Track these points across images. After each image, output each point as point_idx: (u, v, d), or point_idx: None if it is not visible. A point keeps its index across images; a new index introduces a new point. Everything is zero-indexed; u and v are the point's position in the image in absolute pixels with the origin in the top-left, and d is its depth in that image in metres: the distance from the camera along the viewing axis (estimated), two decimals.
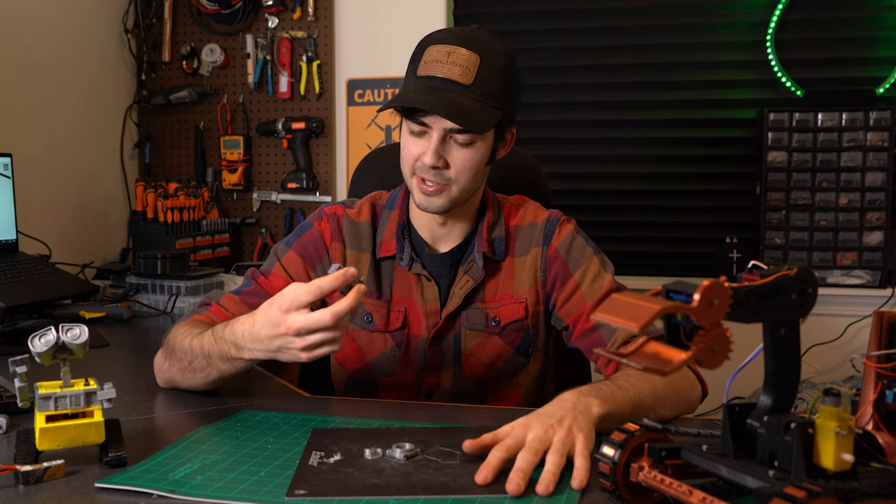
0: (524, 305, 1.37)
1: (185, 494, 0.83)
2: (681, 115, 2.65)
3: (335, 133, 2.73)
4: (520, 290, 1.37)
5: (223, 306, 1.33)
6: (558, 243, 1.37)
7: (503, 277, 1.38)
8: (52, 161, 2.43)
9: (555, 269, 1.36)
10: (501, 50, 1.29)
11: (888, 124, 2.39)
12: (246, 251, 2.81)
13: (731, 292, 0.66)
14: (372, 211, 1.41)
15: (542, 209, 1.43)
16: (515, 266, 1.38)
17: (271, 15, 2.70)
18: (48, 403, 0.90)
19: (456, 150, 1.28)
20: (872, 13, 2.50)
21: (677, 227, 2.68)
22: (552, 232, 1.38)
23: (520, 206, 1.44)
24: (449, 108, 1.24)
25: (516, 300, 1.37)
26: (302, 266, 1.37)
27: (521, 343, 1.38)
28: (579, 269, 1.35)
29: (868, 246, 2.43)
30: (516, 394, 1.39)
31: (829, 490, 0.61)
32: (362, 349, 1.38)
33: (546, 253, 1.37)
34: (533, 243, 1.39)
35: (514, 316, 1.36)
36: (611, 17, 2.67)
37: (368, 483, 0.86)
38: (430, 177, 1.28)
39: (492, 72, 1.26)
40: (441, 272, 1.37)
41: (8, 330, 1.62)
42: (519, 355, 1.38)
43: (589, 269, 1.35)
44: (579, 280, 1.35)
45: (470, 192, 1.32)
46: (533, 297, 1.37)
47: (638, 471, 0.76)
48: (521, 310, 1.37)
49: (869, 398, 0.84)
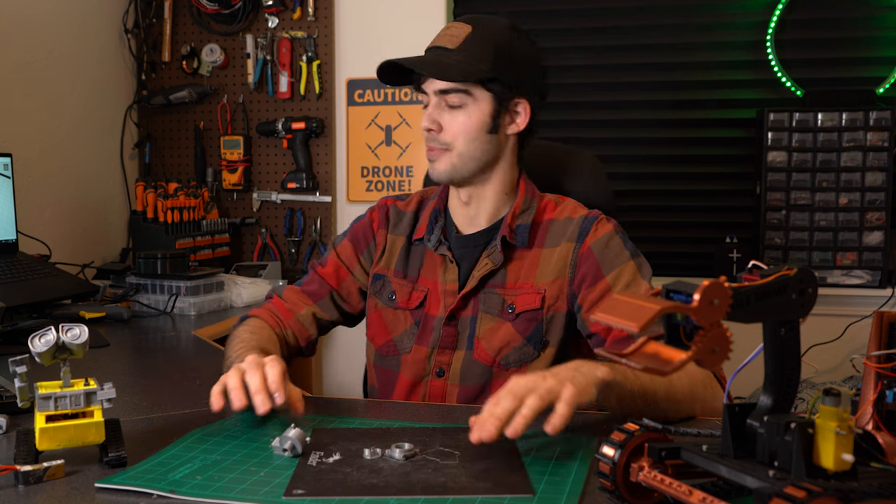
0: (542, 297, 1.35)
1: (185, 494, 0.83)
2: (681, 115, 2.65)
3: (335, 133, 2.73)
4: (541, 280, 1.36)
5: (284, 298, 1.49)
6: (593, 241, 1.35)
7: (527, 266, 1.38)
8: (52, 161, 2.43)
9: (585, 268, 1.34)
10: (502, 24, 1.36)
11: (888, 124, 2.39)
12: (246, 251, 2.81)
13: (731, 292, 0.66)
14: (419, 201, 1.51)
15: (582, 207, 1.42)
16: (542, 257, 1.37)
17: (271, 15, 2.70)
18: (48, 403, 0.90)
19: (448, 113, 1.36)
20: (872, 13, 2.50)
21: (677, 227, 2.68)
22: (588, 229, 1.36)
23: (560, 203, 1.43)
24: (414, 60, 1.35)
25: (535, 290, 1.36)
26: (353, 252, 1.50)
27: (532, 333, 1.35)
28: (613, 272, 1.32)
29: (868, 246, 2.43)
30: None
31: (829, 490, 0.61)
32: (387, 326, 1.45)
33: (579, 250, 1.35)
34: (566, 238, 1.37)
35: (529, 305, 1.35)
36: (611, 17, 2.67)
37: (367, 483, 0.86)
38: (430, 142, 1.37)
39: (482, 38, 1.33)
40: (465, 254, 1.41)
41: (8, 330, 1.62)
42: (529, 346, 1.35)
43: (623, 274, 1.32)
44: (611, 283, 1.31)
45: (471, 159, 1.36)
46: (555, 290, 1.35)
47: (638, 471, 0.75)
48: (537, 300, 1.35)
49: (869, 398, 0.84)
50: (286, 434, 0.95)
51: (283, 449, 0.95)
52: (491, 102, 1.35)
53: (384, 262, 1.48)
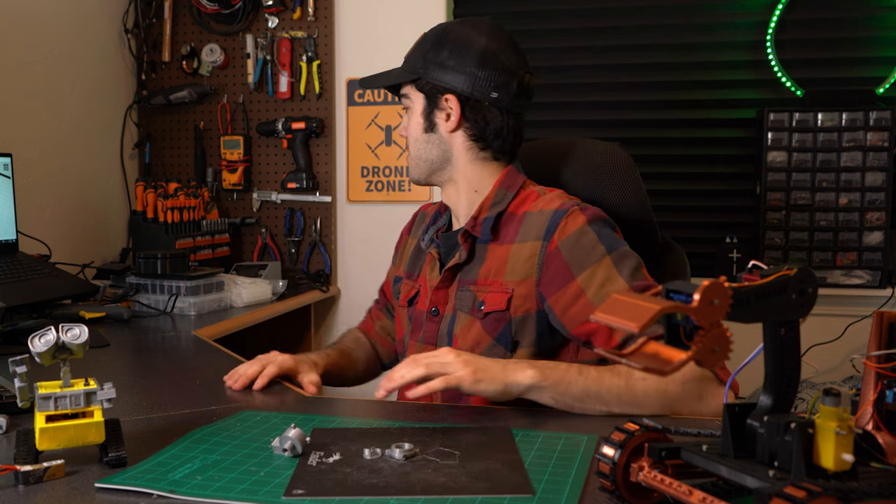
0: (508, 297, 1.30)
1: (185, 494, 0.83)
2: (681, 115, 2.65)
3: (335, 133, 2.73)
4: (510, 278, 1.31)
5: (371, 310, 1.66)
6: (561, 239, 1.27)
7: (498, 262, 1.34)
8: (52, 161, 2.43)
9: (553, 269, 1.27)
10: (449, 26, 1.39)
11: (888, 124, 2.39)
12: (246, 251, 2.81)
13: (731, 292, 0.66)
14: (441, 205, 1.52)
15: (563, 198, 1.34)
16: (512, 253, 1.32)
17: (271, 15, 2.70)
18: (48, 403, 0.90)
19: (405, 117, 1.45)
20: (872, 13, 2.50)
21: (677, 227, 2.68)
22: (556, 225, 1.28)
23: (543, 195, 1.36)
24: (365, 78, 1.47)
25: (503, 289, 1.31)
26: (393, 260, 1.63)
27: (500, 334, 1.32)
28: (585, 273, 1.24)
29: (868, 246, 2.43)
30: None
31: (829, 490, 0.61)
32: (401, 326, 1.51)
33: (546, 248, 1.28)
34: (535, 234, 1.30)
35: (495, 306, 1.31)
36: (611, 17, 2.67)
37: (367, 483, 0.86)
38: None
39: (423, 42, 1.39)
40: (448, 251, 1.43)
41: (8, 330, 1.62)
42: (499, 346, 1.32)
43: (597, 273, 1.23)
44: (584, 285, 1.23)
45: (420, 160, 1.42)
46: (523, 290, 1.30)
47: (638, 471, 0.75)
48: (503, 301, 1.31)
49: (869, 398, 0.84)
50: (286, 434, 0.95)
51: (283, 449, 0.95)
52: (422, 102, 1.39)
53: (402, 264, 1.55)
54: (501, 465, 0.92)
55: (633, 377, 1.13)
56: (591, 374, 1.13)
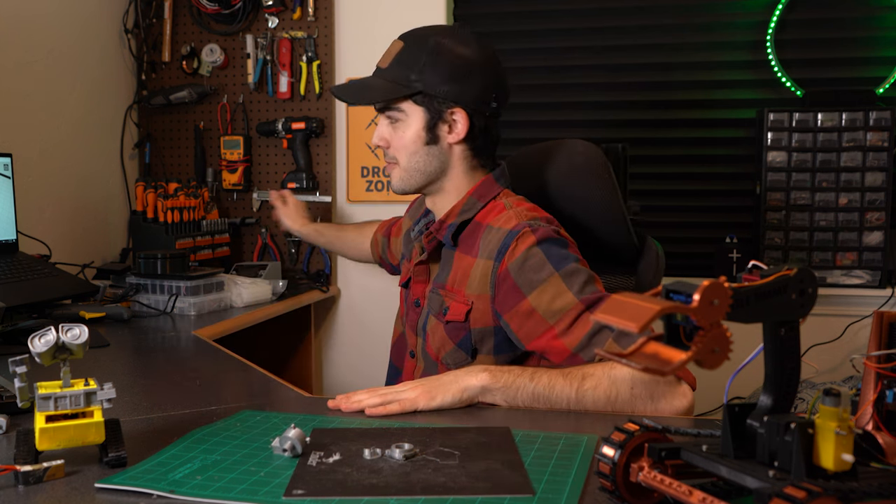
0: (468, 309, 1.36)
1: (185, 494, 0.83)
2: (681, 115, 2.65)
3: (335, 133, 2.73)
4: (470, 291, 1.37)
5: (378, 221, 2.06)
6: (510, 262, 1.31)
7: (462, 272, 1.39)
8: (52, 161, 2.43)
9: (504, 290, 1.31)
10: (434, 34, 1.39)
11: (888, 124, 2.39)
12: (246, 251, 2.81)
13: (731, 292, 0.66)
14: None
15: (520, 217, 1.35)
16: (474, 266, 1.37)
17: (271, 15, 2.70)
18: (48, 403, 0.90)
19: (390, 129, 1.43)
20: (872, 13, 2.50)
21: (677, 227, 2.68)
22: (507, 247, 1.32)
23: (509, 208, 1.39)
24: (342, 89, 1.48)
25: (464, 300, 1.37)
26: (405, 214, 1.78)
27: (461, 341, 1.37)
28: (534, 292, 1.28)
29: (868, 246, 2.43)
30: None
31: (829, 490, 0.61)
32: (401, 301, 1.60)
33: (497, 269, 1.32)
34: (488, 252, 1.34)
35: (455, 316, 1.37)
36: (611, 17, 2.67)
37: (367, 483, 0.86)
38: (385, 157, 1.47)
39: (410, 54, 1.38)
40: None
41: (8, 330, 1.62)
42: (461, 352, 1.37)
43: (546, 290, 1.27)
44: (534, 304, 1.28)
45: (416, 171, 1.42)
46: (481, 306, 1.35)
47: (638, 471, 0.76)
48: (463, 312, 1.36)
49: (869, 398, 0.84)
50: (286, 434, 0.95)
51: (283, 449, 0.95)
52: (423, 115, 1.39)
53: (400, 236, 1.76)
54: (501, 465, 0.92)
55: (584, 385, 1.17)
56: (543, 380, 1.17)
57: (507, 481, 0.87)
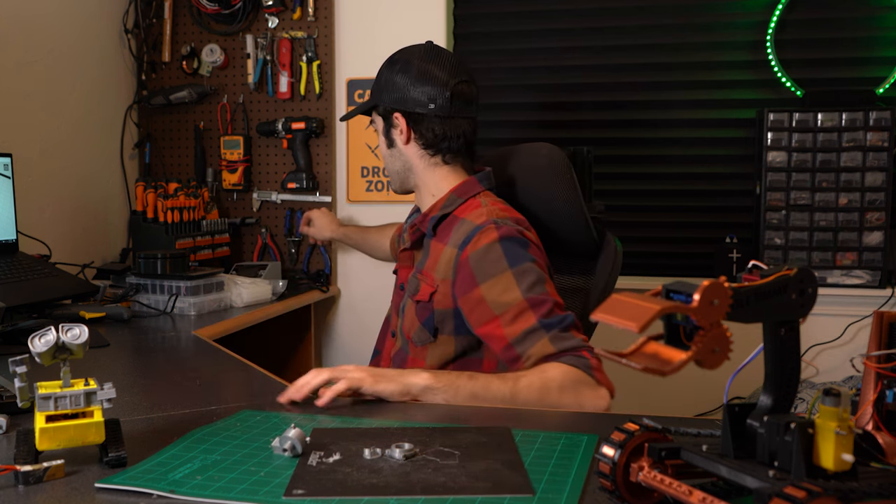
0: (432, 291, 1.50)
1: (185, 494, 0.83)
2: (680, 115, 2.64)
3: (335, 133, 2.73)
4: (437, 275, 1.51)
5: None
6: (471, 252, 1.43)
7: (434, 258, 1.53)
8: (52, 161, 2.43)
9: (462, 277, 1.44)
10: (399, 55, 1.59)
11: (888, 124, 2.39)
12: (246, 251, 2.81)
13: (731, 292, 0.66)
14: None
15: (490, 215, 1.48)
16: (443, 252, 1.51)
17: (271, 15, 2.70)
18: (48, 403, 0.90)
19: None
20: (872, 13, 2.50)
21: (677, 227, 2.68)
22: (470, 239, 1.45)
23: (484, 206, 1.52)
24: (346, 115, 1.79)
25: (432, 283, 1.51)
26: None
27: (426, 321, 1.51)
28: (487, 283, 1.40)
29: (868, 246, 2.43)
30: (420, 363, 1.53)
31: (829, 490, 0.61)
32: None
33: (459, 257, 1.46)
34: (455, 242, 1.48)
35: (422, 296, 1.52)
36: (611, 17, 2.67)
37: (367, 483, 0.86)
38: None
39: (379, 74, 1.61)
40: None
41: (8, 330, 1.62)
42: (425, 331, 1.51)
43: (497, 284, 1.39)
44: (484, 293, 1.40)
45: (391, 172, 1.64)
46: (444, 289, 1.48)
47: (638, 471, 0.76)
48: (428, 293, 1.51)
49: (869, 398, 0.84)
50: (286, 434, 0.95)
51: (283, 449, 0.95)
52: (381, 124, 1.61)
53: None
54: (501, 465, 0.92)
55: (518, 385, 1.27)
56: (480, 381, 1.26)
57: (507, 481, 0.87)
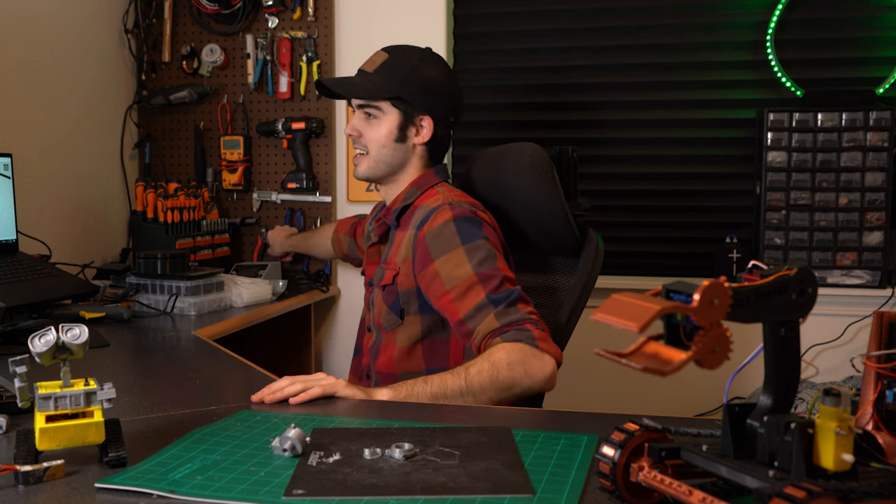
0: (394, 274, 1.60)
1: (185, 494, 0.83)
2: (681, 115, 2.64)
3: (335, 133, 2.73)
4: (398, 259, 1.60)
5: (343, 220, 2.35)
6: (427, 231, 1.53)
7: (395, 245, 1.63)
8: (52, 161, 2.43)
9: (419, 254, 1.54)
10: (414, 53, 1.67)
11: (888, 124, 2.39)
12: (246, 251, 2.81)
13: (731, 292, 0.66)
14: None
15: (446, 199, 1.57)
16: (403, 238, 1.60)
17: (271, 15, 2.70)
18: (48, 403, 0.90)
19: (365, 123, 1.67)
20: (872, 13, 2.50)
21: (677, 227, 2.68)
22: (427, 219, 1.54)
23: (441, 193, 1.61)
24: (333, 81, 1.78)
25: (393, 267, 1.61)
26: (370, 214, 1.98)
27: (392, 303, 1.60)
28: (441, 258, 1.50)
29: (868, 246, 2.43)
30: (392, 349, 1.61)
31: (829, 490, 0.61)
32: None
33: (416, 237, 1.55)
34: (413, 225, 1.58)
35: (386, 280, 1.61)
36: (611, 17, 2.66)
37: (367, 483, 0.86)
38: (354, 147, 1.71)
39: (394, 65, 1.65)
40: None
41: (8, 330, 1.62)
42: (392, 314, 1.60)
43: (451, 259, 1.48)
44: (439, 268, 1.49)
45: (382, 163, 1.66)
46: (406, 270, 1.58)
47: (638, 471, 0.76)
48: (390, 276, 1.60)
49: (869, 398, 0.84)
50: (286, 434, 0.95)
51: (283, 449, 0.95)
52: (398, 117, 1.65)
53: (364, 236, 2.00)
54: (501, 465, 0.92)
55: (470, 374, 1.33)
56: (434, 382, 1.32)
57: (507, 481, 0.87)
